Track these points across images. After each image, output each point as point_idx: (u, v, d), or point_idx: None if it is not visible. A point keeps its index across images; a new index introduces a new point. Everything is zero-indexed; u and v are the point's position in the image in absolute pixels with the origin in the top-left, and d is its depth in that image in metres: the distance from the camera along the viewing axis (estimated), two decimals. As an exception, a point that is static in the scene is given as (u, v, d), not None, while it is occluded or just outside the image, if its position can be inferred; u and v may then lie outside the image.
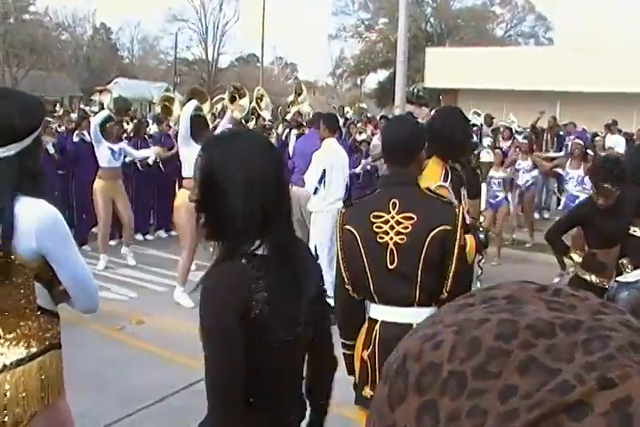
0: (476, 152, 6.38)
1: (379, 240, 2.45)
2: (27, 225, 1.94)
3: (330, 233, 6.00)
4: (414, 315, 2.45)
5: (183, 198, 5.78)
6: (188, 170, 5.82)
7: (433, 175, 3.16)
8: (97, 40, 41.78)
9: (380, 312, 2.54)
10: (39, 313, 2.08)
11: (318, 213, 6.10)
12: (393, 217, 2.45)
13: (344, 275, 2.59)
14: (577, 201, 6.39)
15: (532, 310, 0.41)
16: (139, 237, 9.07)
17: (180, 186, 6.97)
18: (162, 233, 9.54)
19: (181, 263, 6.20)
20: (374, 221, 2.47)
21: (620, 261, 3.79)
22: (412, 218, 2.42)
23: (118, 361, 4.75)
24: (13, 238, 1.93)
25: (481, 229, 3.93)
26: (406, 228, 2.43)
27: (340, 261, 2.60)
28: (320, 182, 6.02)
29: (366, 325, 2.59)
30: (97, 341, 5.16)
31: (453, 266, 2.45)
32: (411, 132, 2.63)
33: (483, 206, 7.41)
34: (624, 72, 19.48)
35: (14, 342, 2.05)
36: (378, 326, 2.52)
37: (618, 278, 3.72)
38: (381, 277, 2.48)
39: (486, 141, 10.73)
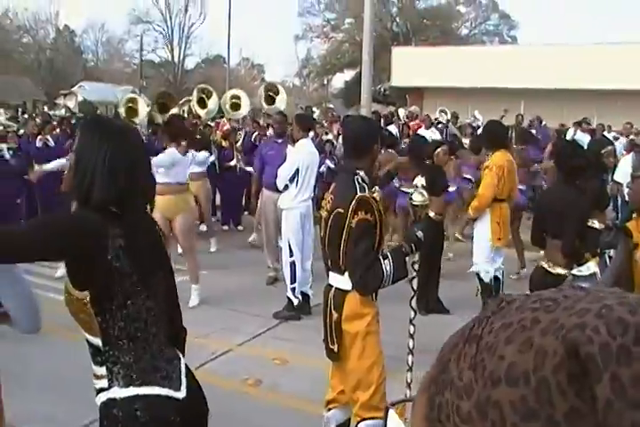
0: (439, 150, 6.42)
1: (322, 213, 3.08)
2: None
3: (301, 229, 6.06)
4: (333, 279, 3.02)
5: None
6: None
7: None
8: (60, 43, 41.17)
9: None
10: None
11: (289, 210, 6.14)
12: (327, 197, 3.06)
13: None
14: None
15: None
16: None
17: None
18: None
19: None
20: (325, 197, 3.12)
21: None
22: (332, 200, 2.99)
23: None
24: None
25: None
26: (328, 206, 3.00)
27: None
28: (292, 181, 6.05)
29: None
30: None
31: (342, 244, 2.89)
32: (359, 130, 3.10)
33: None
34: (586, 69, 19.83)
35: None
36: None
37: (573, 271, 3.81)
38: (322, 244, 3.11)
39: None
